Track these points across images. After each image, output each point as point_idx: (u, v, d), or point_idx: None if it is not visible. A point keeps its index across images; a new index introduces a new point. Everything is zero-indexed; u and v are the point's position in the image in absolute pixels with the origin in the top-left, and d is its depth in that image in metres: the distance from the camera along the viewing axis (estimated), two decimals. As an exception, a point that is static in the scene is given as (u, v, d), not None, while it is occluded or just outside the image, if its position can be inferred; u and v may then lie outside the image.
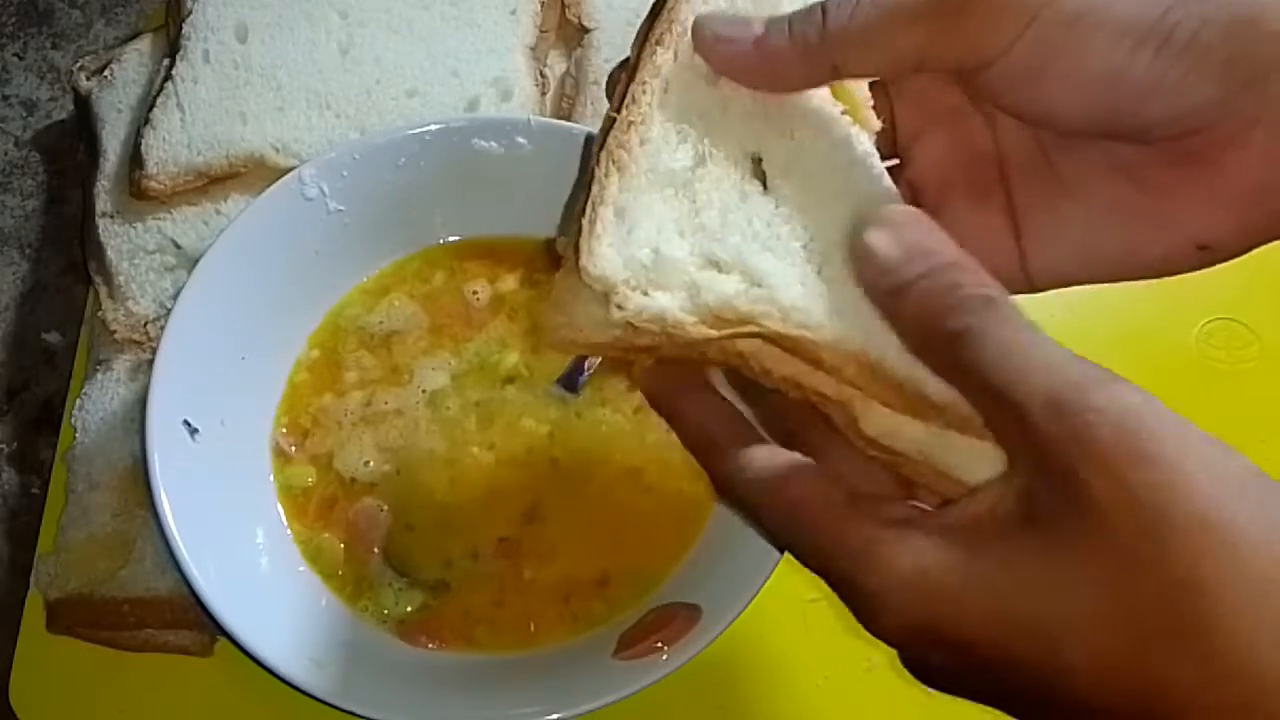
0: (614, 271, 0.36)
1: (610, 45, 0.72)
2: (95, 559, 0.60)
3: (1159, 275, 0.40)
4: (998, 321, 0.32)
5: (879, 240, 0.35)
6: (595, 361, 0.62)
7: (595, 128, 0.61)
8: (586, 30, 0.73)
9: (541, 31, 0.73)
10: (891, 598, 0.32)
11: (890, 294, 0.34)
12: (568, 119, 0.70)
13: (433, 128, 0.63)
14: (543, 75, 0.72)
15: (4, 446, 0.70)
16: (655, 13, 0.40)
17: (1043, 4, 0.36)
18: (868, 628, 0.34)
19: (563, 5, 0.74)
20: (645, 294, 0.36)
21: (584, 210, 0.37)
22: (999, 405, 0.32)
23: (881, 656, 0.61)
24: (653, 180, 0.38)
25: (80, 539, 0.61)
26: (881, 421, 0.36)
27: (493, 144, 0.63)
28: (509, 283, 0.65)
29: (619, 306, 0.36)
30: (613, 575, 0.59)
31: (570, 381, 0.62)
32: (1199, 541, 0.29)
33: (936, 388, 0.35)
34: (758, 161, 0.40)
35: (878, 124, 0.42)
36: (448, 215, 0.65)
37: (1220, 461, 0.31)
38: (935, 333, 0.33)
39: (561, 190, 0.64)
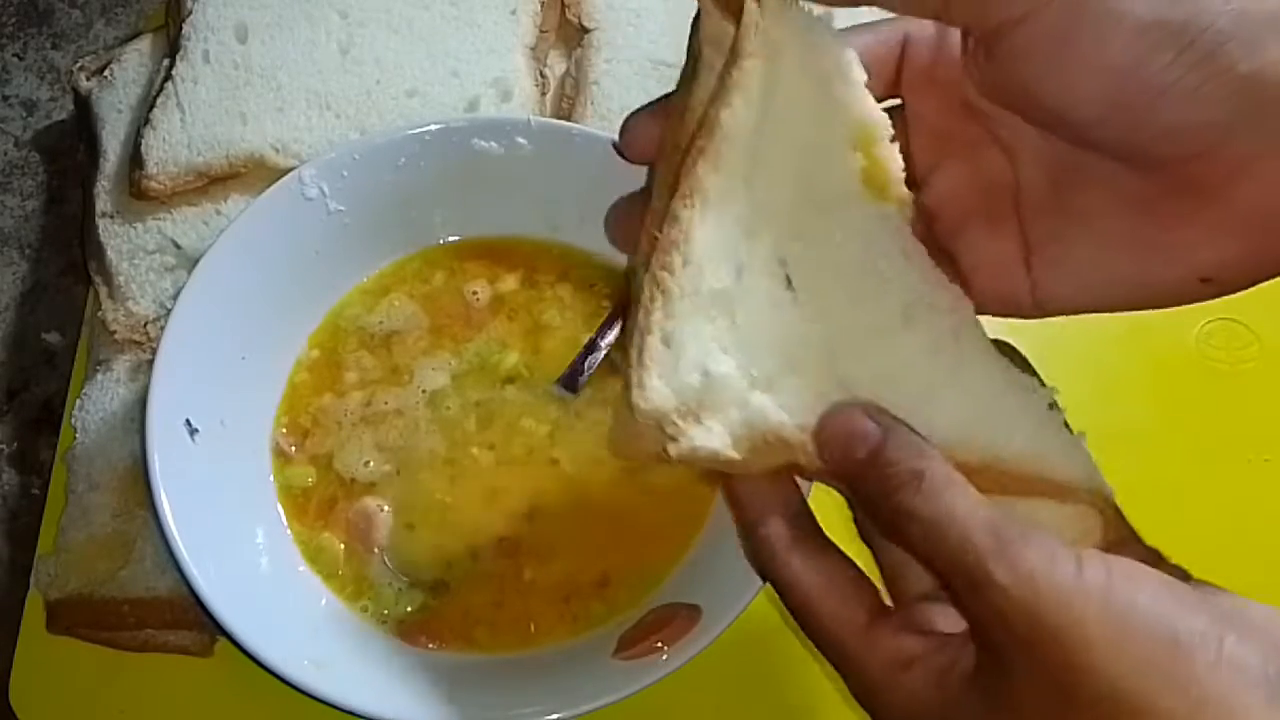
0: (664, 403, 0.37)
1: (610, 45, 0.72)
2: (95, 559, 0.60)
3: (1166, 306, 0.41)
4: (922, 501, 0.36)
5: (827, 431, 0.38)
6: (595, 361, 0.62)
7: (595, 128, 0.62)
8: (586, 30, 0.73)
9: (541, 31, 0.73)
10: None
11: (844, 481, 0.38)
12: (568, 119, 0.70)
13: (433, 128, 0.63)
14: (543, 75, 0.72)
15: (4, 446, 0.70)
16: (683, 123, 0.40)
17: None
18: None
19: (563, 5, 0.74)
20: (698, 422, 0.37)
21: (632, 338, 0.38)
22: (941, 578, 0.36)
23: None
24: (697, 303, 0.38)
25: (80, 539, 0.61)
26: None
27: (493, 144, 0.63)
28: (509, 283, 0.65)
29: (673, 440, 0.37)
30: (613, 575, 0.59)
31: (570, 381, 0.62)
32: (1108, 712, 0.32)
33: (1013, 452, 0.38)
34: (783, 263, 0.40)
35: (909, 196, 0.42)
36: (448, 215, 0.65)
37: (1125, 616, 0.33)
38: (881, 514, 0.37)
39: (561, 190, 0.64)
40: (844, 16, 0.41)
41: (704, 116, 0.39)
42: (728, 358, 0.38)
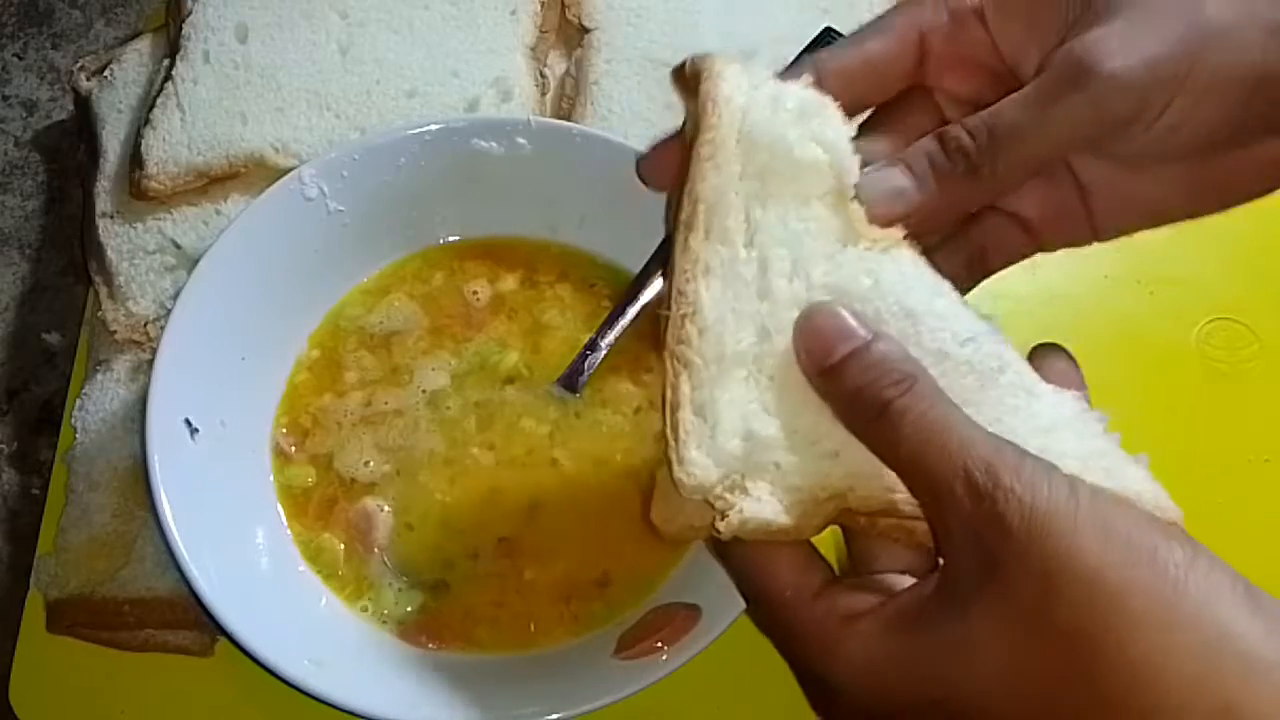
0: (707, 475, 0.37)
1: (610, 45, 0.72)
2: (95, 559, 0.60)
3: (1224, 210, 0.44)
4: (915, 400, 0.36)
5: (809, 327, 0.38)
6: (595, 361, 0.62)
7: (595, 128, 0.62)
8: (586, 30, 0.73)
9: (541, 31, 0.73)
10: (851, 686, 0.37)
11: (822, 375, 0.38)
12: (568, 119, 0.70)
13: (433, 128, 0.63)
14: (543, 75, 0.72)
15: (4, 446, 0.70)
16: (678, 201, 0.40)
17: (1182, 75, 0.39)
18: (825, 711, 0.38)
19: (563, 5, 0.74)
20: (745, 492, 0.37)
21: (664, 418, 0.38)
22: (922, 483, 0.36)
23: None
24: (723, 368, 0.38)
25: (80, 539, 0.61)
26: None
27: (493, 144, 0.63)
28: (509, 283, 0.65)
29: (723, 515, 0.37)
30: (613, 575, 0.59)
31: (570, 381, 0.62)
32: (1085, 594, 0.33)
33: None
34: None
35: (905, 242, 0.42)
36: (448, 215, 0.65)
37: (1110, 523, 0.34)
38: (860, 411, 0.37)
39: (561, 190, 0.64)
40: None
41: (686, 192, 0.40)
42: (769, 417, 0.38)
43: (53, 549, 0.62)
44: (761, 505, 0.37)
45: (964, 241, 0.46)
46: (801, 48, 0.66)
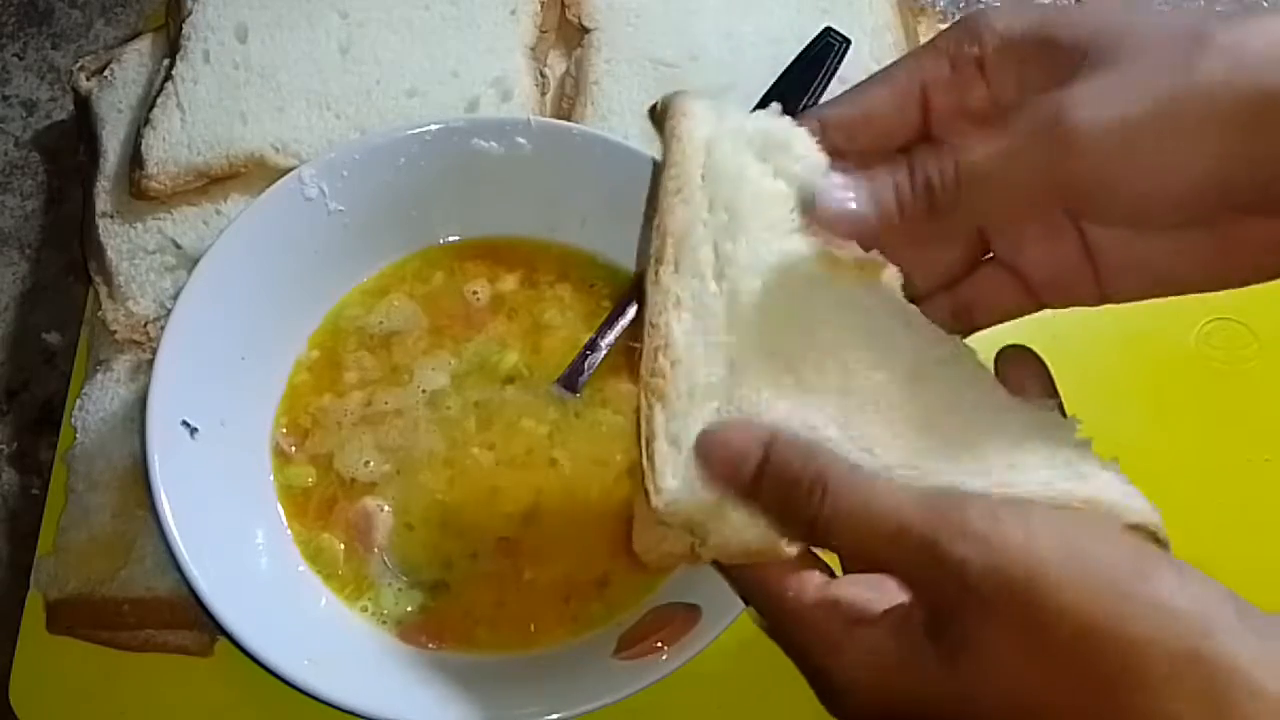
0: (684, 504, 0.37)
1: (610, 45, 0.72)
2: (95, 559, 0.60)
3: (1233, 288, 0.42)
4: (833, 499, 0.36)
5: (702, 458, 0.38)
6: (595, 361, 0.62)
7: (595, 128, 0.62)
8: (586, 30, 0.73)
9: (541, 31, 0.73)
10: (856, 684, 0.37)
11: (745, 493, 0.37)
12: (568, 119, 0.70)
13: (433, 128, 0.63)
14: (543, 75, 0.72)
15: (4, 446, 0.70)
16: (650, 233, 0.41)
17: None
18: (833, 707, 0.38)
19: (563, 5, 0.74)
20: (721, 517, 0.37)
21: (640, 448, 0.38)
22: (881, 565, 0.36)
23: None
24: (695, 399, 0.39)
25: (80, 539, 0.61)
26: None
27: (493, 144, 0.63)
28: (509, 283, 0.65)
29: (702, 542, 0.38)
30: (613, 575, 0.59)
31: (570, 381, 0.62)
32: (1084, 650, 0.32)
33: (1052, 493, 0.37)
34: (774, 354, 0.40)
35: (895, 270, 0.42)
36: (448, 215, 0.65)
37: (1080, 558, 0.33)
38: (795, 518, 0.37)
39: (561, 190, 0.64)
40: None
41: (654, 226, 0.40)
42: None
43: (53, 549, 0.62)
44: (738, 529, 0.38)
45: (951, 295, 0.45)
46: (801, 48, 0.66)
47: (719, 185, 0.41)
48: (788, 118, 0.42)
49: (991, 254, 0.45)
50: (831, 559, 0.39)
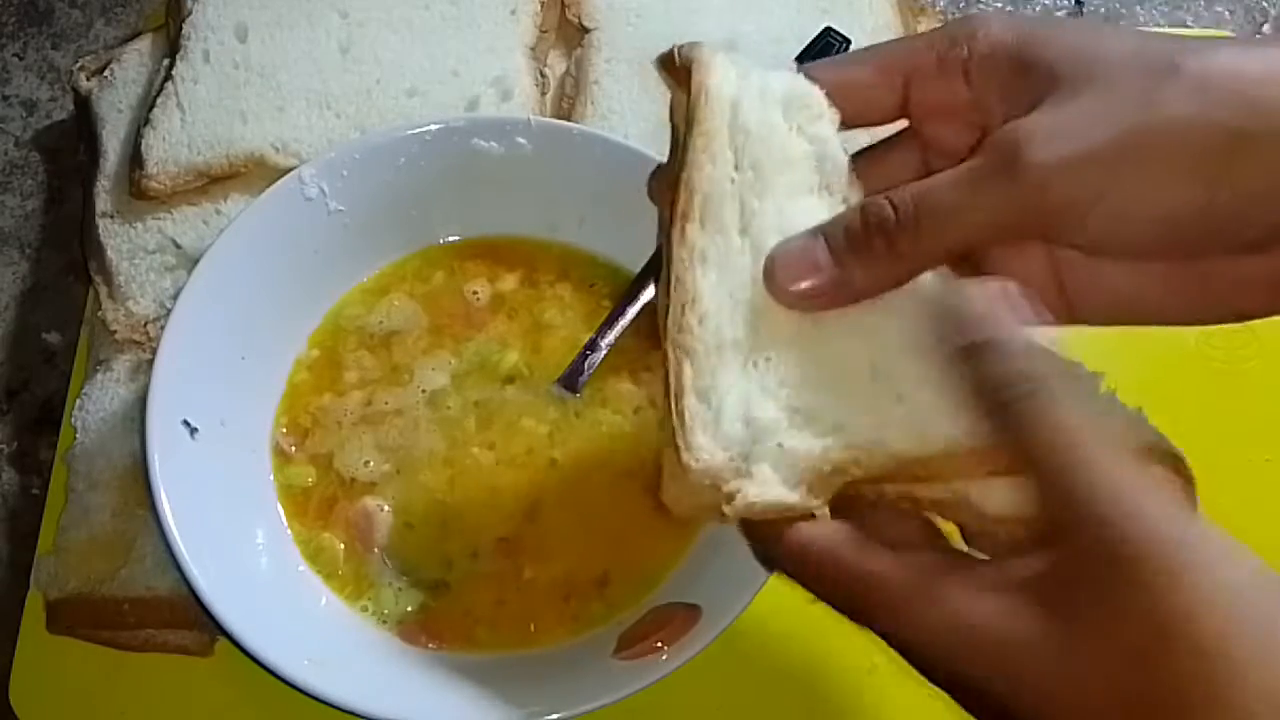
0: (713, 460, 0.37)
1: (610, 45, 0.72)
2: (95, 559, 0.60)
3: (1205, 325, 0.42)
4: (1051, 402, 0.34)
5: (959, 301, 0.36)
6: (595, 361, 0.62)
7: (595, 128, 0.62)
8: (586, 30, 0.73)
9: (541, 31, 0.73)
10: (945, 645, 0.34)
11: (962, 353, 0.36)
12: (568, 119, 0.70)
13: (433, 128, 0.63)
14: (543, 75, 0.72)
15: (4, 446, 0.70)
16: (674, 191, 0.41)
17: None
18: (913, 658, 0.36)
19: (563, 5, 0.74)
20: (750, 473, 0.37)
21: (669, 404, 0.38)
22: (1047, 490, 0.34)
23: (882, 657, 0.60)
24: (722, 354, 0.39)
25: (80, 539, 0.61)
26: (1005, 495, 0.37)
27: (493, 144, 0.63)
28: (509, 283, 0.65)
29: (729, 499, 0.37)
30: (613, 575, 0.59)
31: (570, 381, 0.62)
32: (1206, 670, 0.30)
33: None
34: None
35: None
36: (448, 215, 0.65)
37: (1236, 589, 0.32)
38: (995, 401, 0.35)
39: (561, 190, 0.64)
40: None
41: (682, 182, 0.40)
42: (769, 400, 0.38)
43: (53, 549, 0.62)
44: (767, 486, 0.37)
45: None
46: (801, 48, 0.66)
47: (746, 143, 0.41)
48: (804, 77, 0.42)
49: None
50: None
